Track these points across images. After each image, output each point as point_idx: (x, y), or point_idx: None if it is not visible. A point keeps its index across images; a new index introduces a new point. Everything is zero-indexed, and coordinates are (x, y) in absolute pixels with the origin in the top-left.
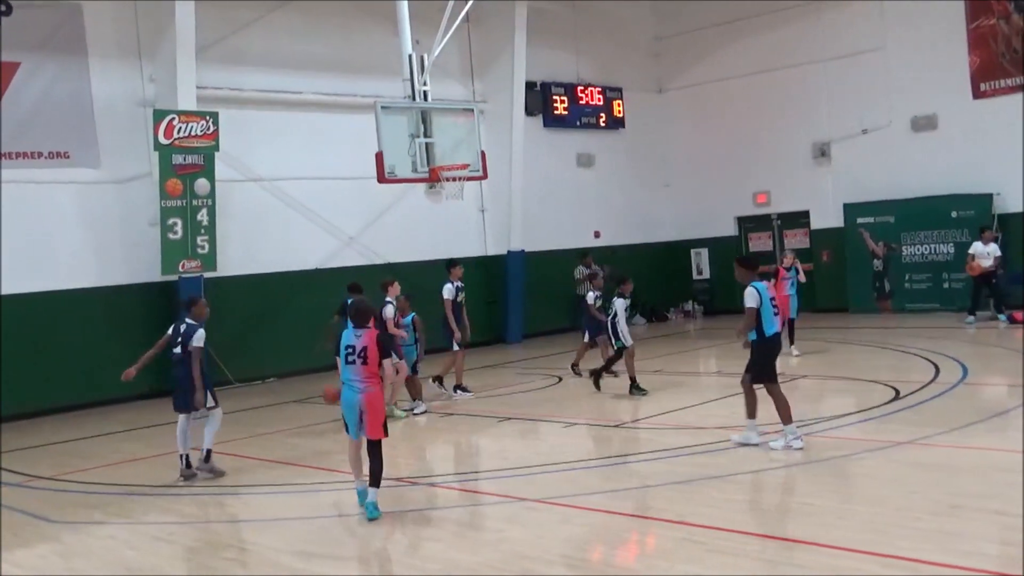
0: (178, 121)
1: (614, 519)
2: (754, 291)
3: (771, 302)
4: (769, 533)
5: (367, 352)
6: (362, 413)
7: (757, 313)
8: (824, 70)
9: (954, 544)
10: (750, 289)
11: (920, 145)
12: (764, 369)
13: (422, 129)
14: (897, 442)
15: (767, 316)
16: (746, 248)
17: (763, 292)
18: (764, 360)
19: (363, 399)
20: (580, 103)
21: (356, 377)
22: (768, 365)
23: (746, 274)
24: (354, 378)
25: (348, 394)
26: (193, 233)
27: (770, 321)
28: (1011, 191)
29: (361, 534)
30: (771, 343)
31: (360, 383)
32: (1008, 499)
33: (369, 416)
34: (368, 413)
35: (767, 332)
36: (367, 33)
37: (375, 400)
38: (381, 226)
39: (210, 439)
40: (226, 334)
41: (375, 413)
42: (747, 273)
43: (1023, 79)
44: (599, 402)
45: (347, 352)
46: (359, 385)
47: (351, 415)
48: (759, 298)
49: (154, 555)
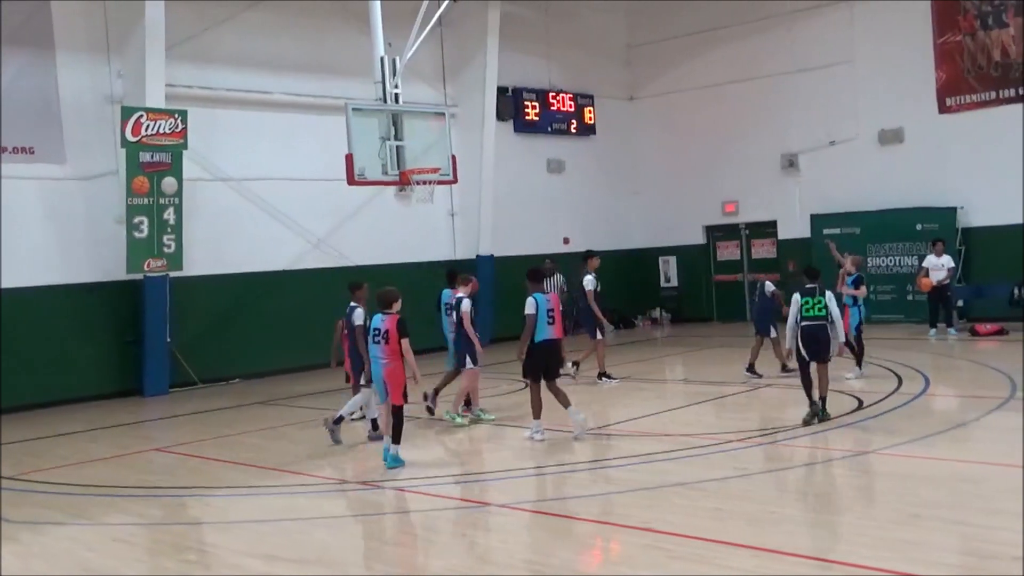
0: (146, 118)
1: (579, 525)
2: (533, 301)
3: (548, 313)
4: (733, 540)
5: (388, 334)
6: (386, 384)
7: (535, 320)
8: (793, 82)
9: (915, 553)
10: (530, 299)
11: (886, 158)
12: (531, 368)
13: (393, 132)
14: (860, 451)
15: (541, 324)
16: (714, 257)
17: (540, 302)
18: (531, 362)
19: (385, 373)
20: (551, 109)
21: (380, 355)
22: (534, 366)
23: (532, 286)
24: (379, 355)
25: (375, 369)
26: (159, 232)
27: (543, 329)
28: (974, 205)
29: (324, 537)
30: (540, 348)
31: (383, 359)
32: (968, 509)
33: (390, 386)
34: (389, 384)
35: (537, 339)
36: (339, 34)
37: (394, 373)
38: (350, 228)
39: (347, 408)
40: (191, 334)
41: (395, 383)
42: (533, 285)
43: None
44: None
45: (373, 333)
46: (382, 361)
47: (379, 386)
48: (536, 307)
49: (113, 557)
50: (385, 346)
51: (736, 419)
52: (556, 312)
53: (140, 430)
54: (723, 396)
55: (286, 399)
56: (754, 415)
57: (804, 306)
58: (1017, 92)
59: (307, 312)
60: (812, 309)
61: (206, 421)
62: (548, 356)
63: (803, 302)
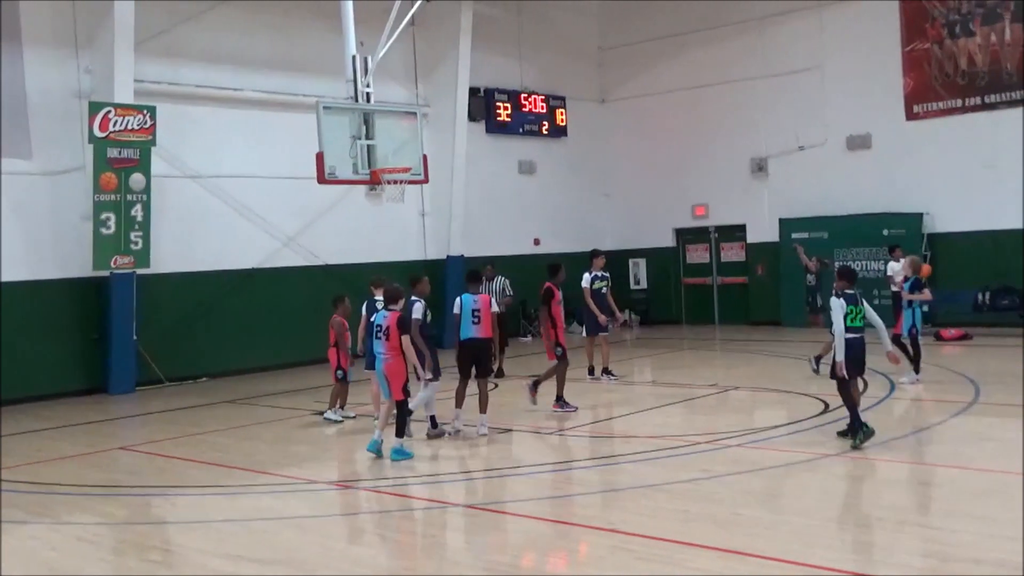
0: (114, 114)
1: (546, 526)
2: (458, 301)
3: (473, 313)
4: (700, 542)
5: (389, 330)
6: (387, 379)
7: (458, 320)
8: (763, 87)
9: (878, 555)
10: (457, 299)
11: (854, 163)
12: (459, 365)
13: (364, 131)
14: (825, 454)
15: (466, 323)
16: (684, 259)
17: (465, 303)
18: (458, 358)
19: (385, 368)
20: (523, 110)
21: (381, 350)
22: (461, 363)
23: (467, 287)
24: (380, 351)
25: (377, 364)
26: (127, 229)
27: (467, 328)
28: (940, 211)
29: (290, 537)
30: (464, 345)
31: (384, 355)
32: (930, 512)
33: (391, 382)
34: (390, 379)
35: (461, 336)
36: (310, 32)
37: (393, 369)
38: (320, 227)
39: (415, 403)
40: (158, 332)
41: (395, 379)
42: (469, 287)
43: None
44: (534, 410)
45: (376, 329)
46: (383, 356)
47: (381, 381)
48: (460, 307)
49: (77, 556)
50: (386, 342)
51: (704, 421)
52: (483, 313)
53: (106, 428)
54: (692, 399)
55: (255, 398)
56: (722, 418)
57: (849, 315)
58: (982, 100)
59: (276, 310)
60: (857, 318)
61: (173, 419)
62: (474, 354)
63: (848, 310)
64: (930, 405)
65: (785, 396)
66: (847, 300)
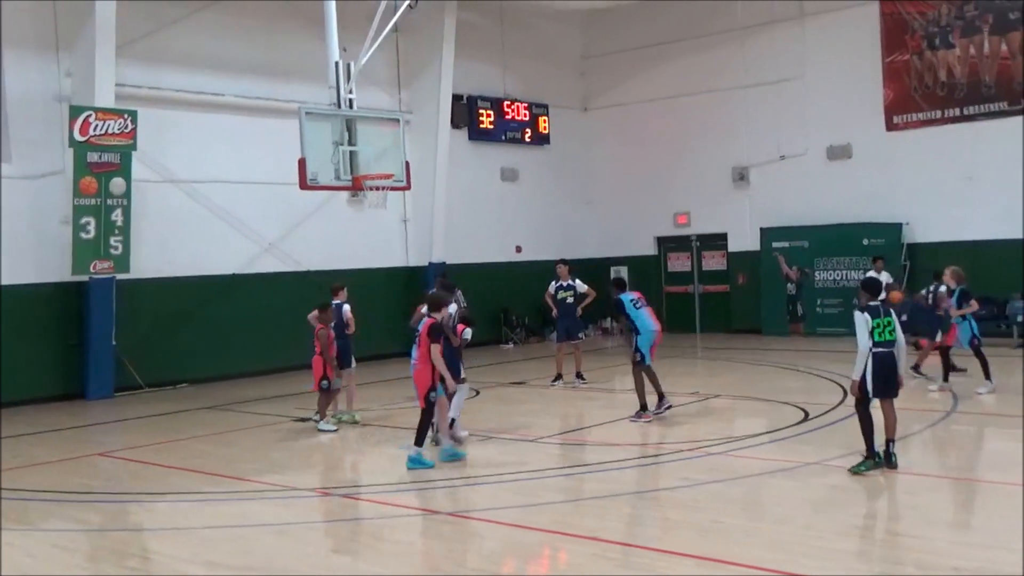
0: (95, 118)
1: (526, 534)
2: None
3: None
4: (679, 550)
5: (420, 337)
6: (415, 386)
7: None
8: (745, 96)
9: (855, 563)
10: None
11: (835, 173)
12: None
13: (346, 137)
14: (805, 462)
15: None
16: (665, 268)
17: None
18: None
19: (414, 374)
20: (506, 118)
21: (414, 356)
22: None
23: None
24: (414, 356)
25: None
26: (106, 233)
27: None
28: (920, 221)
29: (269, 544)
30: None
31: (415, 361)
32: (908, 520)
33: (417, 389)
34: (417, 386)
35: None
36: (293, 38)
37: (419, 376)
38: (301, 233)
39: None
40: (138, 337)
41: (421, 386)
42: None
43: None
44: (514, 417)
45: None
46: (413, 362)
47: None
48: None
49: (53, 563)
50: (418, 348)
51: (685, 429)
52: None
53: (84, 434)
54: (673, 406)
55: (234, 404)
56: (703, 426)
57: (875, 329)
58: (961, 112)
59: (257, 316)
60: (884, 332)
61: (152, 425)
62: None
63: (875, 323)
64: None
65: (766, 404)
66: (872, 313)
